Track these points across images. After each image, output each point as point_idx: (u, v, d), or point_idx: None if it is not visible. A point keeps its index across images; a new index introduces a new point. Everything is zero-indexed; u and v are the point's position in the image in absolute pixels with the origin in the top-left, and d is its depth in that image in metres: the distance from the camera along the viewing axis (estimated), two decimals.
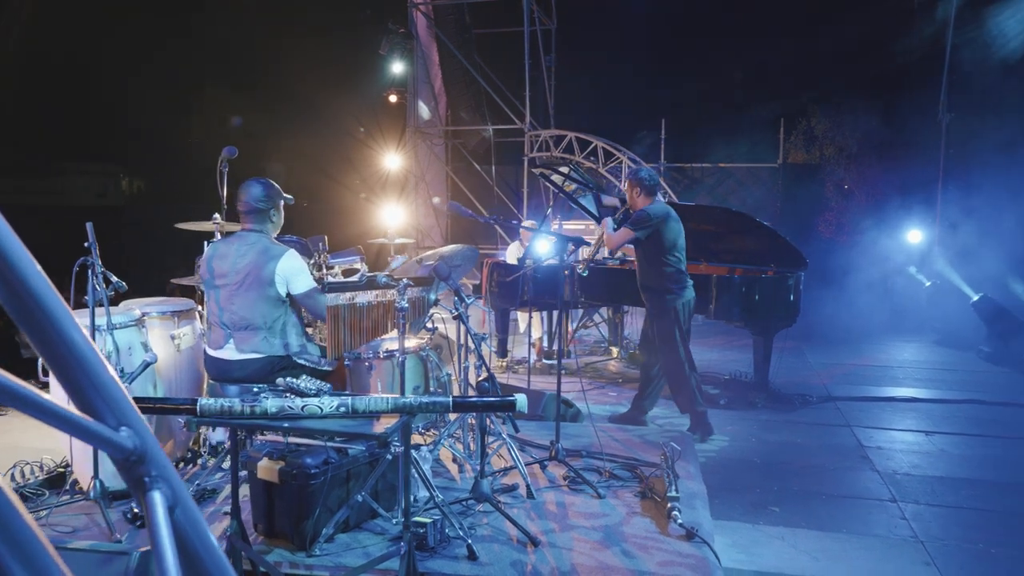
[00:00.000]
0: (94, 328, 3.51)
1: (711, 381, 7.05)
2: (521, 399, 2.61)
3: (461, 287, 3.71)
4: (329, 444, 3.32)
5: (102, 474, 3.49)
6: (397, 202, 13.11)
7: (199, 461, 4.30)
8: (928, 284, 10.83)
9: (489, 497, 3.56)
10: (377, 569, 3.02)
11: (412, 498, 3.58)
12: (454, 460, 4.33)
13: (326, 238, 4.82)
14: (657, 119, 13.68)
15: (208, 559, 0.92)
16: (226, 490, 3.84)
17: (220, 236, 4.53)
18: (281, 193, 3.75)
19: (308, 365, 3.72)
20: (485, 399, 2.86)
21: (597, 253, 7.12)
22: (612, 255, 7.17)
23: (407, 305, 3.36)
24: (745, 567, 3.59)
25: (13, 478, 3.91)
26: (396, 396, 2.69)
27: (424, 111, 13.88)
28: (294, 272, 3.59)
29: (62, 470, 4.04)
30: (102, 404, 0.84)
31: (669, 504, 3.61)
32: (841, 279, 11.03)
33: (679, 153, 14.09)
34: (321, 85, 13.48)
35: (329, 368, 3.80)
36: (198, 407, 2.66)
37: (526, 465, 4.11)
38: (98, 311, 3.58)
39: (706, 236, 7.05)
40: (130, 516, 3.50)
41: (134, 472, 0.91)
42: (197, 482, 3.91)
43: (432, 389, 4.26)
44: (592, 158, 12.06)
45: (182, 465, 4.27)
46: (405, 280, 3.37)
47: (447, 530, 3.32)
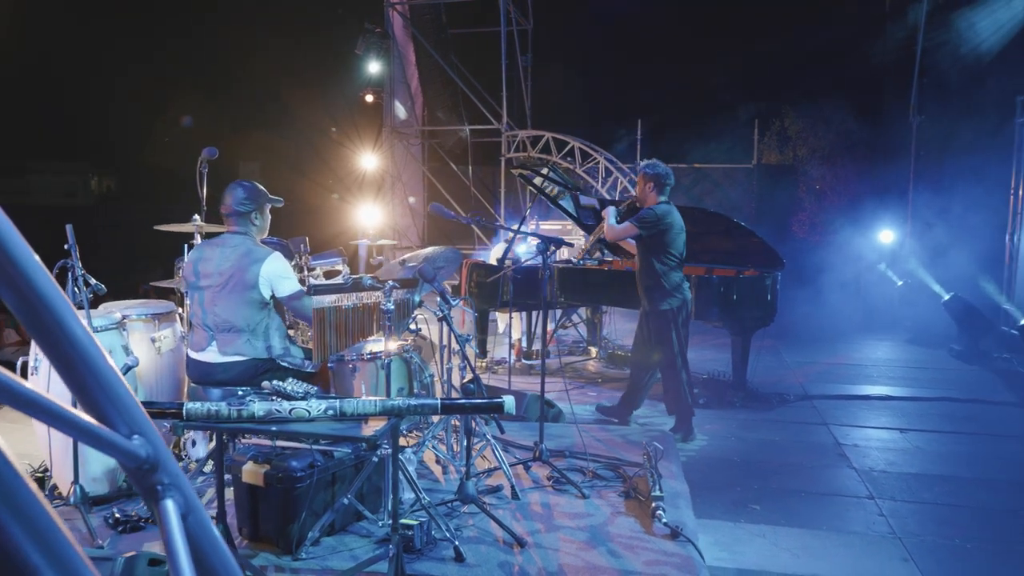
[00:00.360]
0: None
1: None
2: (509, 401, 2.62)
3: (446, 289, 3.71)
4: (314, 447, 3.31)
5: (82, 479, 3.45)
6: (374, 202, 13.06)
7: (180, 465, 4.25)
8: (900, 283, 11.01)
9: (475, 498, 3.57)
10: (365, 572, 3.01)
11: (399, 499, 3.58)
12: (438, 462, 4.33)
13: (307, 239, 4.79)
14: (634, 120, 13.77)
15: (222, 567, 0.92)
16: (209, 494, 3.80)
17: (200, 238, 4.49)
18: (267, 196, 3.72)
19: (291, 367, 3.70)
20: (473, 401, 2.86)
21: (591, 248, 7.08)
22: (600, 253, 7.20)
23: (393, 307, 3.35)
24: (728, 565, 3.63)
25: None
26: (384, 399, 2.69)
27: (401, 111, 13.84)
28: (279, 275, 3.57)
29: (40, 475, 3.99)
30: (114, 412, 0.83)
31: (653, 503, 3.64)
32: (815, 279, 11.17)
33: (655, 153, 14.11)
34: (297, 85, 13.42)
35: (312, 370, 3.78)
36: (184, 411, 2.64)
37: (510, 466, 4.13)
38: (78, 314, 3.53)
39: (685, 236, 7.10)
40: (111, 521, 3.46)
41: (147, 480, 0.90)
42: None
43: (416, 391, 4.26)
44: (569, 158, 12.10)
45: None
46: (391, 282, 3.37)
47: (433, 532, 3.32)
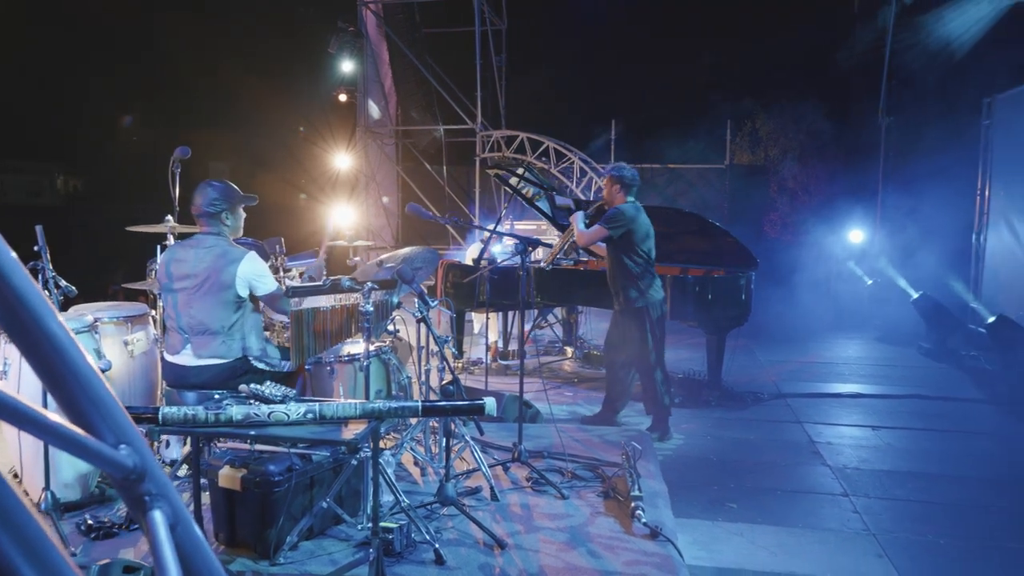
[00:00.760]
0: None
1: None
2: (490, 403, 2.62)
3: (424, 291, 3.69)
4: (292, 450, 3.27)
5: (53, 485, 3.38)
6: (348, 202, 12.98)
7: None
8: (870, 282, 11.17)
9: (454, 500, 3.55)
10: None
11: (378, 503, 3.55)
12: (416, 463, 4.31)
13: (283, 240, 4.75)
14: (608, 120, 13.83)
15: None
16: (184, 499, 3.74)
17: (172, 239, 4.42)
18: (240, 195, 3.67)
19: (268, 368, 3.65)
20: (454, 403, 2.85)
21: (563, 250, 7.05)
22: (576, 253, 7.19)
23: (372, 309, 3.33)
24: (707, 564, 3.65)
25: None
26: (364, 402, 2.66)
27: (374, 110, 13.77)
28: (256, 275, 3.53)
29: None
30: (99, 420, 0.81)
31: (633, 503, 3.65)
32: (788, 278, 11.30)
33: (630, 154, 14.25)
34: (269, 83, 13.28)
35: (291, 370, 3.74)
36: (160, 416, 2.60)
37: (489, 467, 4.11)
38: (59, 316, 3.45)
39: (659, 237, 7.11)
40: (84, 528, 3.39)
41: (134, 491, 0.88)
42: None
43: (394, 392, 4.23)
44: (544, 158, 12.11)
45: None
46: (370, 283, 3.34)
47: (413, 535, 3.29)
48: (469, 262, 7.65)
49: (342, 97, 13.31)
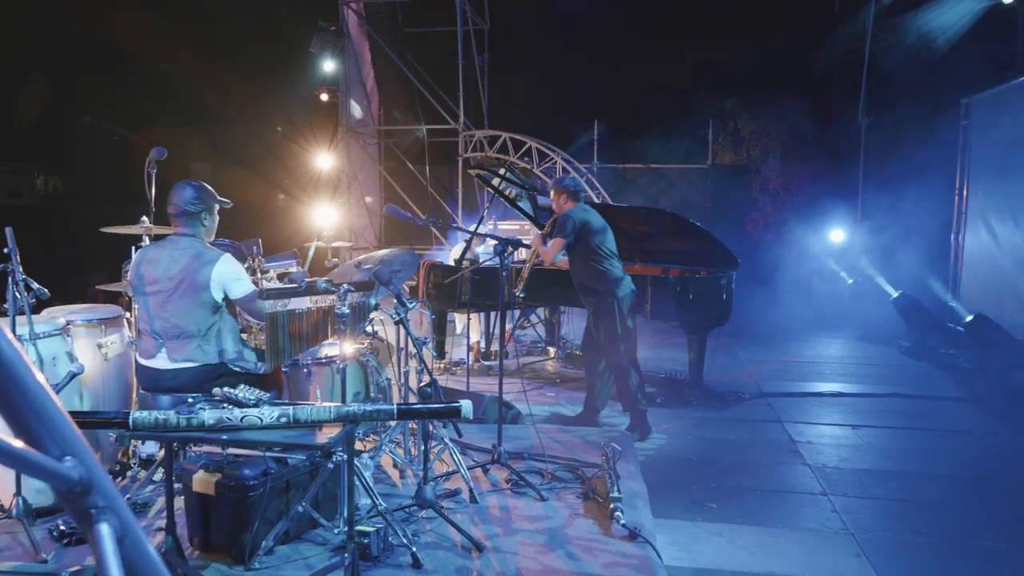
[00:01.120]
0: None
1: (647, 379, 7.12)
2: (467, 405, 2.59)
3: (402, 292, 3.66)
4: (268, 454, 3.24)
5: (25, 491, 3.33)
6: (330, 203, 12.91)
7: (129, 474, 4.14)
8: (851, 281, 11.25)
9: (432, 503, 3.53)
10: None
11: (354, 506, 3.53)
12: (395, 466, 4.28)
13: (260, 241, 4.71)
14: (590, 120, 13.83)
15: None
16: (159, 503, 3.71)
17: (148, 240, 4.37)
18: (215, 196, 3.63)
19: (244, 371, 3.61)
20: (430, 406, 2.83)
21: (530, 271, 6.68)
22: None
23: (348, 311, 3.30)
24: (686, 564, 3.65)
25: None
26: (339, 405, 2.64)
27: (356, 110, 13.70)
28: (231, 277, 3.49)
29: None
30: (44, 432, 0.79)
31: (611, 505, 3.64)
32: (769, 277, 11.36)
33: (612, 154, 14.28)
34: (250, 83, 13.19)
35: (267, 372, 3.70)
36: (131, 420, 2.57)
37: (468, 469, 4.10)
38: (19, 320, 3.41)
39: (641, 237, 7.16)
40: (56, 534, 3.34)
41: (80, 504, 0.86)
42: (128, 496, 3.76)
43: (372, 395, 4.20)
44: (526, 158, 12.10)
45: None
46: (346, 285, 3.31)
47: (390, 538, 3.27)
48: (452, 262, 7.63)
49: (324, 97, 13.24)
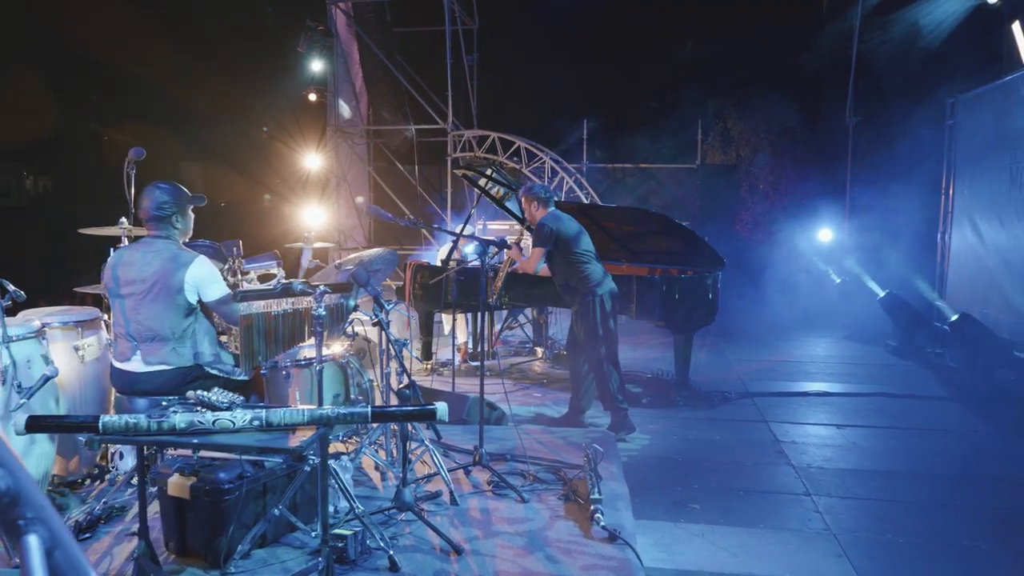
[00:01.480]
0: None
1: (633, 380, 7.15)
2: (442, 408, 2.58)
3: (380, 293, 3.64)
4: (244, 457, 3.21)
5: None
6: (319, 203, 12.86)
7: (107, 477, 4.11)
8: (838, 281, 11.28)
9: (411, 506, 3.51)
10: None
11: (333, 509, 3.50)
12: (376, 468, 4.26)
13: (240, 242, 4.67)
14: (579, 119, 13.82)
15: None
16: (136, 507, 3.67)
17: (127, 241, 4.33)
18: (188, 196, 3.60)
19: (221, 375, 3.58)
20: (405, 408, 2.81)
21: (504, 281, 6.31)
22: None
23: (324, 312, 3.27)
24: (667, 566, 3.64)
25: None
26: (313, 408, 2.61)
27: (345, 110, 13.65)
28: (205, 279, 3.46)
29: None
30: None
31: (592, 507, 3.63)
32: (757, 277, 11.37)
33: (601, 154, 14.27)
34: (237, 82, 13.12)
35: (245, 378, 3.67)
36: (100, 424, 2.54)
37: (450, 471, 4.08)
38: None
39: (627, 237, 7.14)
40: None
41: (7, 515, 0.84)
42: (104, 500, 3.72)
43: (353, 396, 4.18)
44: (515, 158, 12.08)
45: (88, 482, 4.06)
46: (322, 286, 3.29)
47: (368, 541, 3.25)
48: (438, 262, 7.61)
49: (312, 96, 13.18)
